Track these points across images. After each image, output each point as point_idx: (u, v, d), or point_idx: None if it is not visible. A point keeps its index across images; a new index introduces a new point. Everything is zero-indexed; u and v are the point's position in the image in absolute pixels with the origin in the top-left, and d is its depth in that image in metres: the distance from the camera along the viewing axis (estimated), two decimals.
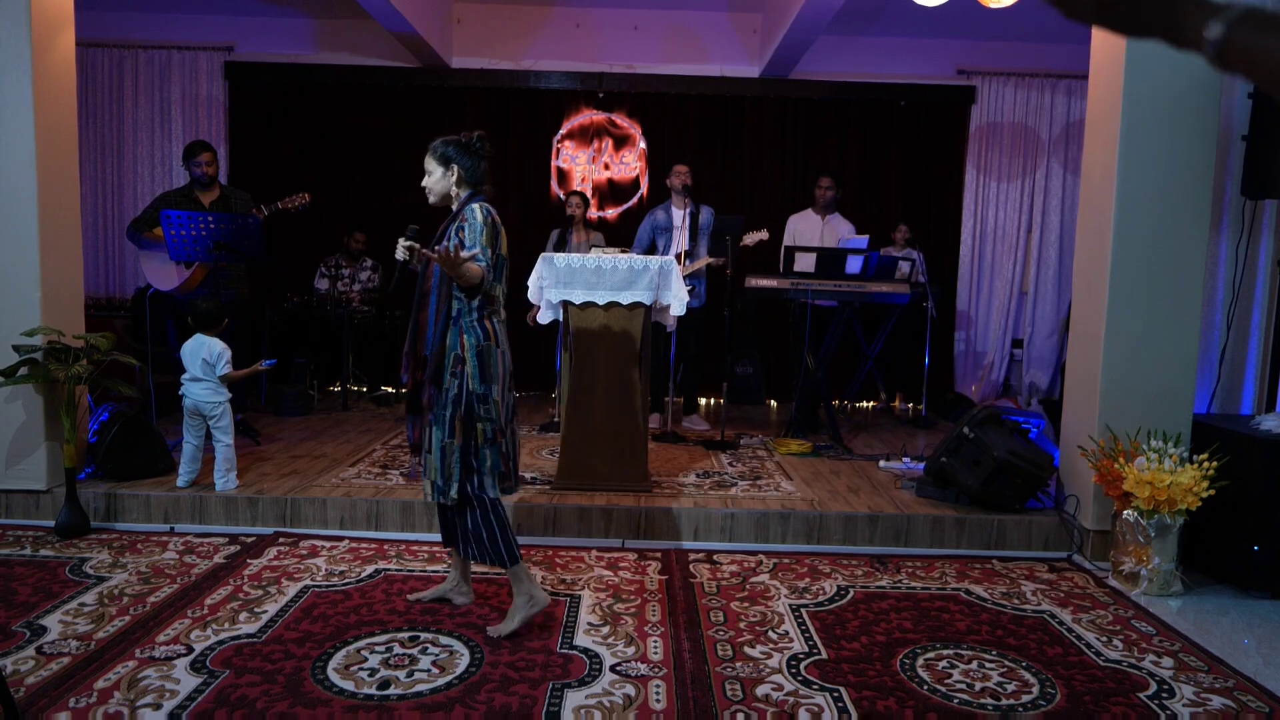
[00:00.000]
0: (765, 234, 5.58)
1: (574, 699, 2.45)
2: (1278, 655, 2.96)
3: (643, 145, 7.29)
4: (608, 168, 7.31)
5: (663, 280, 4.16)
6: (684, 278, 4.39)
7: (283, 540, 3.77)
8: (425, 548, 3.69)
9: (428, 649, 2.75)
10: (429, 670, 2.61)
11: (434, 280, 2.82)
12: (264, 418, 5.76)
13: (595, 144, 7.30)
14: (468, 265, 2.69)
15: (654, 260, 4.16)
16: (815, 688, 2.57)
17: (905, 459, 4.90)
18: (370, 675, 2.56)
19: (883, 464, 4.90)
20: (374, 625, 2.91)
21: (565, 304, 4.22)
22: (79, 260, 4.15)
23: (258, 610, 3.01)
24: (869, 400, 7.25)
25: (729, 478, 4.54)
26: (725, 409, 5.91)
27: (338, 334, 6.47)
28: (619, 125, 7.30)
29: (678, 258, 5.48)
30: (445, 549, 3.46)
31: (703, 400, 6.85)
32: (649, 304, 4.16)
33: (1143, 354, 3.75)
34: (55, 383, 3.82)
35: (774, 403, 7.33)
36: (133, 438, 4.14)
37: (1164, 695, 2.60)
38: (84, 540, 3.73)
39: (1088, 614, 3.22)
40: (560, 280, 4.18)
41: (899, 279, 5.66)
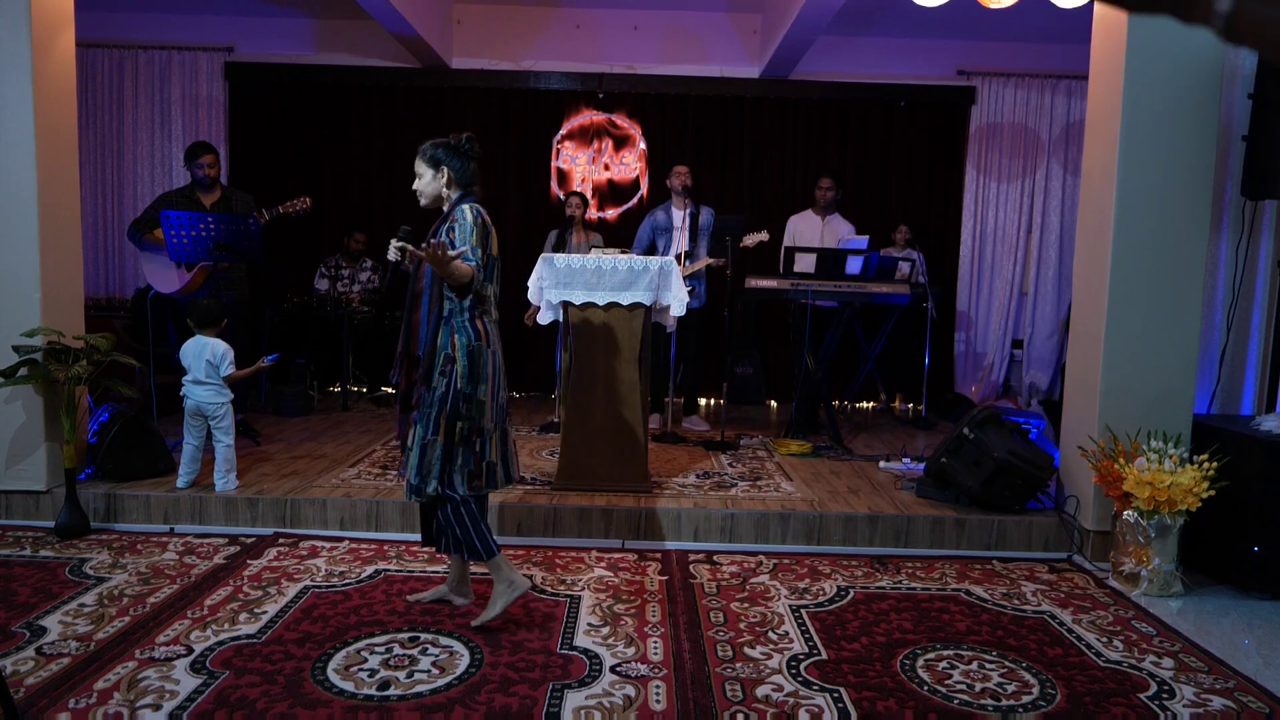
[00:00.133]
0: (765, 234, 5.58)
1: (574, 700, 2.45)
2: (1278, 656, 2.96)
3: (643, 146, 7.29)
4: (608, 168, 7.31)
5: (663, 281, 4.16)
6: (684, 278, 4.39)
7: (283, 541, 3.77)
8: (425, 548, 3.68)
9: (428, 650, 2.75)
10: (429, 671, 2.61)
11: (426, 281, 2.85)
12: (264, 418, 5.76)
13: (595, 144, 7.30)
14: (456, 264, 2.72)
15: (654, 261, 4.16)
16: (815, 688, 2.56)
17: (905, 460, 4.90)
18: (370, 676, 2.56)
19: (883, 464, 4.90)
20: (374, 626, 2.91)
21: (565, 304, 4.22)
22: (79, 261, 4.15)
23: (258, 611, 3.01)
24: (869, 401, 7.25)
25: (729, 478, 4.54)
26: (725, 409, 5.91)
27: (337, 334, 6.47)
28: (619, 126, 7.30)
29: (678, 258, 5.48)
30: (426, 548, 3.45)
31: (703, 401, 6.85)
32: (649, 304, 4.16)
33: (1143, 354, 3.75)
34: (55, 383, 3.82)
35: (774, 403, 7.33)
36: (132, 438, 4.14)
37: (1164, 696, 2.60)
38: (84, 541, 3.73)
39: (1088, 615, 3.22)
40: (560, 281, 4.17)
41: (899, 279, 5.66)
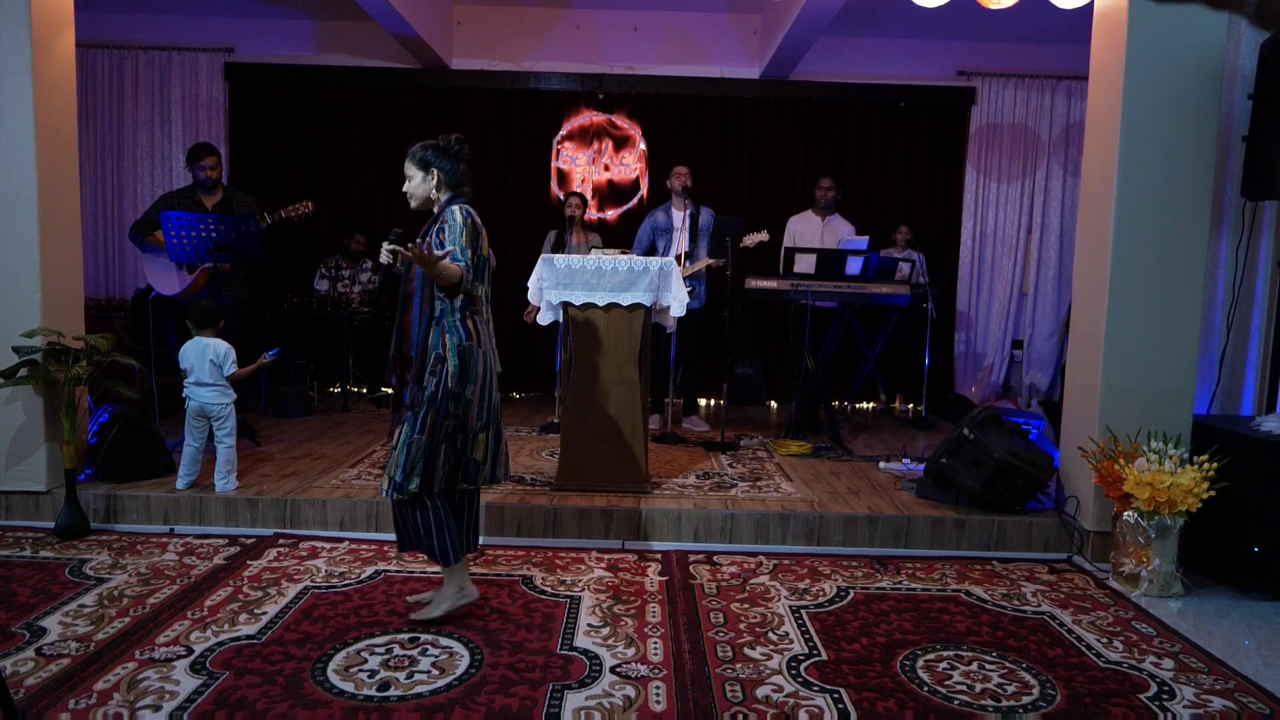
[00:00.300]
0: (765, 235, 5.58)
1: (574, 700, 2.45)
2: (1278, 657, 2.96)
3: (643, 146, 7.29)
4: (608, 169, 7.31)
5: (663, 281, 4.16)
6: (684, 279, 4.39)
7: (282, 541, 3.77)
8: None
9: (428, 650, 2.75)
10: (429, 672, 2.60)
11: (417, 282, 2.86)
12: (264, 419, 5.76)
13: (595, 145, 7.30)
14: (444, 265, 2.73)
15: (654, 261, 4.16)
16: (815, 689, 2.56)
17: (905, 460, 4.90)
18: (370, 676, 2.56)
19: (883, 465, 4.90)
20: (374, 626, 2.91)
21: (565, 305, 4.22)
22: (79, 261, 4.15)
23: (257, 611, 3.01)
24: (869, 401, 7.25)
25: (729, 479, 4.54)
26: (725, 410, 5.91)
27: (337, 335, 6.47)
28: (619, 126, 7.30)
29: (678, 259, 5.48)
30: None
31: (703, 401, 6.85)
32: (649, 305, 4.17)
33: (1143, 355, 3.75)
34: (55, 384, 3.81)
35: (774, 404, 7.33)
36: (132, 439, 4.14)
37: (1164, 696, 2.60)
38: (84, 541, 3.73)
39: (1088, 615, 3.22)
40: (560, 281, 4.17)
41: (899, 280, 5.66)
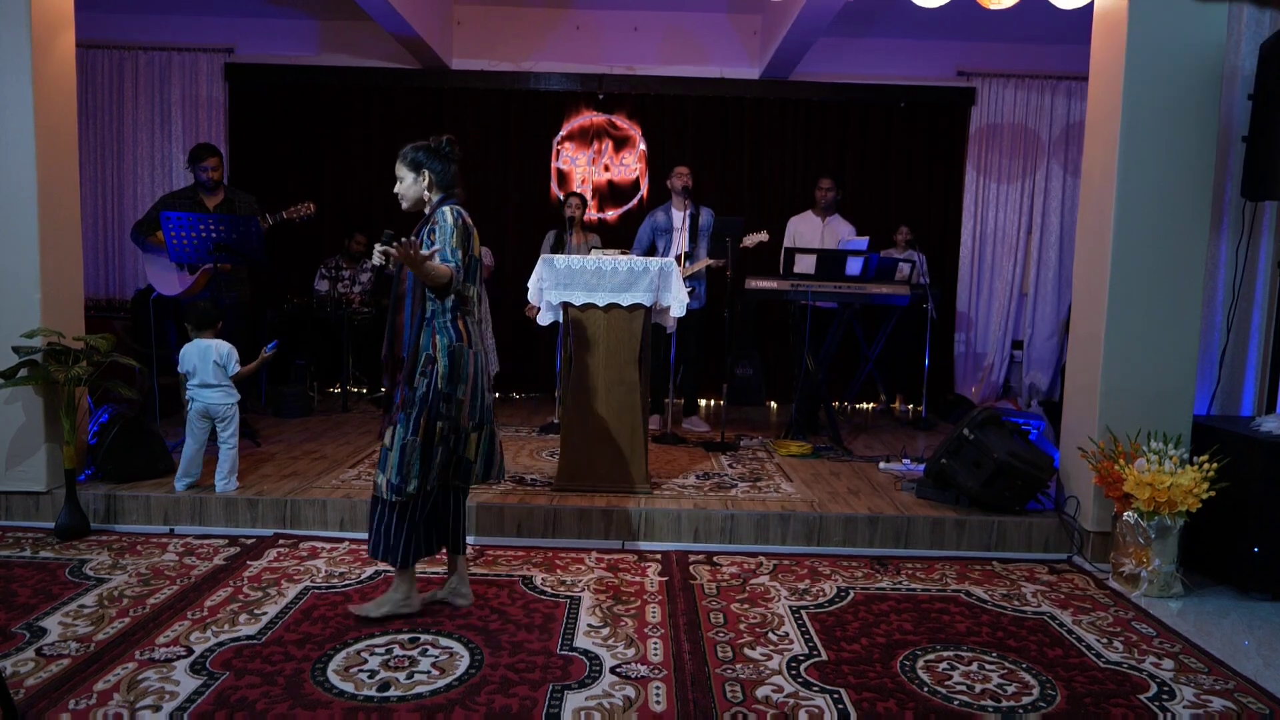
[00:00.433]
0: (765, 235, 5.58)
1: (574, 701, 2.45)
2: (1278, 657, 2.96)
3: (643, 147, 7.29)
4: (608, 169, 7.31)
5: (663, 282, 4.17)
6: (684, 279, 4.39)
7: (282, 542, 3.77)
8: None
9: (428, 651, 2.75)
10: (429, 672, 2.61)
11: (409, 283, 2.88)
12: (264, 419, 5.76)
13: (595, 145, 7.30)
14: (432, 266, 2.75)
15: (654, 262, 4.17)
16: (815, 689, 2.56)
17: (905, 460, 4.90)
18: (370, 677, 2.56)
19: (883, 465, 4.90)
20: (374, 627, 2.91)
21: (565, 305, 4.22)
22: (79, 261, 4.15)
23: (258, 612, 3.01)
24: (869, 401, 7.25)
25: (729, 479, 4.54)
26: (725, 410, 5.91)
27: (338, 335, 6.48)
28: (619, 127, 7.30)
29: (678, 259, 5.48)
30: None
31: (703, 401, 6.85)
32: (649, 305, 4.17)
33: (1143, 355, 3.76)
34: (55, 384, 3.81)
35: (774, 404, 7.33)
36: (132, 439, 4.14)
37: (1164, 697, 2.60)
38: (84, 542, 3.73)
39: (1088, 615, 3.22)
40: (560, 282, 4.17)
41: (899, 280, 5.66)
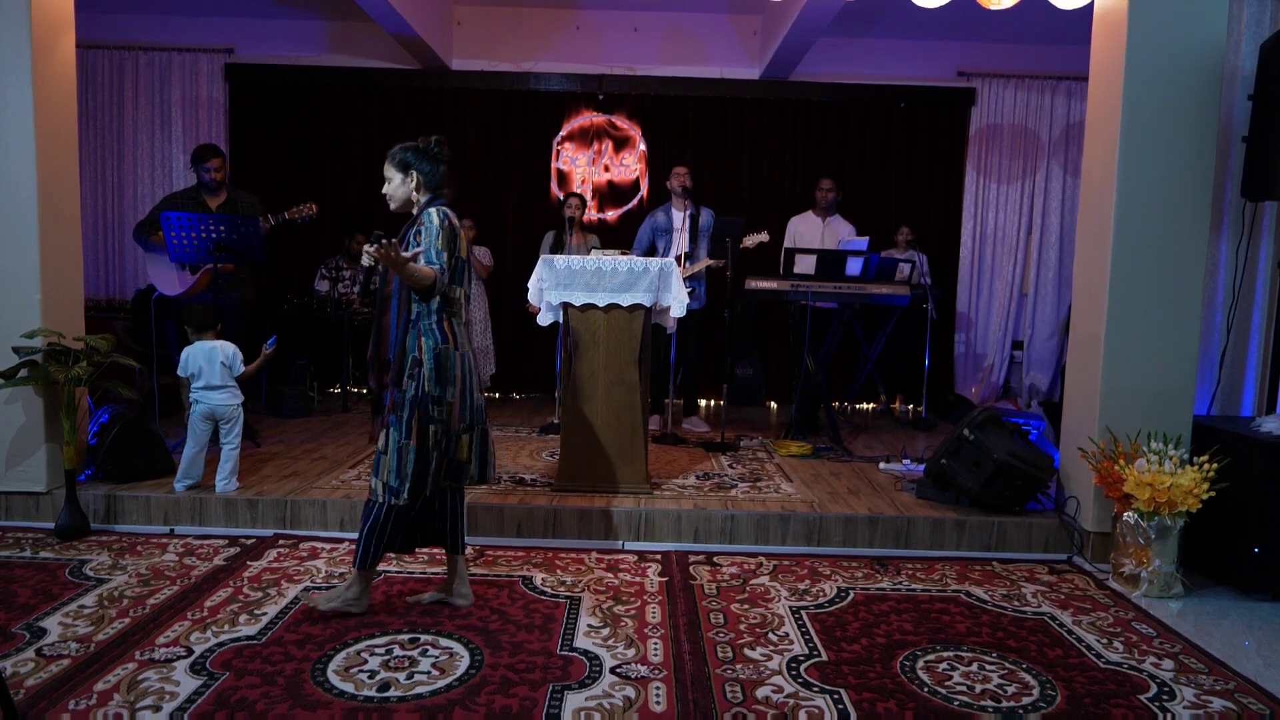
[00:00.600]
0: (765, 236, 5.58)
1: (574, 701, 2.45)
2: (1278, 657, 2.96)
3: (643, 147, 7.30)
4: (608, 169, 7.32)
5: (663, 282, 4.16)
6: (684, 279, 4.39)
7: (282, 542, 3.77)
8: (425, 550, 3.68)
9: (428, 651, 2.75)
10: (429, 672, 2.60)
11: (395, 285, 2.88)
12: (264, 419, 5.76)
13: (595, 146, 7.31)
14: (414, 268, 2.75)
15: (654, 262, 4.17)
16: (815, 690, 2.56)
17: (905, 461, 4.90)
18: (370, 677, 2.56)
19: (883, 466, 4.90)
20: (374, 627, 2.91)
21: (565, 306, 4.22)
22: (79, 262, 4.15)
23: (258, 612, 3.01)
24: (869, 402, 7.26)
25: (729, 479, 4.54)
26: (725, 411, 5.91)
27: (338, 335, 6.48)
28: (619, 127, 7.31)
29: (678, 259, 5.47)
30: (426, 549, 3.46)
31: (703, 402, 6.85)
32: (649, 306, 4.17)
33: (1143, 356, 3.75)
34: (55, 385, 3.82)
35: (774, 404, 7.34)
36: (133, 439, 4.14)
37: (1164, 697, 2.60)
38: (84, 542, 3.73)
39: (1088, 616, 3.22)
40: (560, 282, 4.17)
41: (899, 281, 5.66)
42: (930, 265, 6.93)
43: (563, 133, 7.29)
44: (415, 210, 2.97)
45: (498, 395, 7.32)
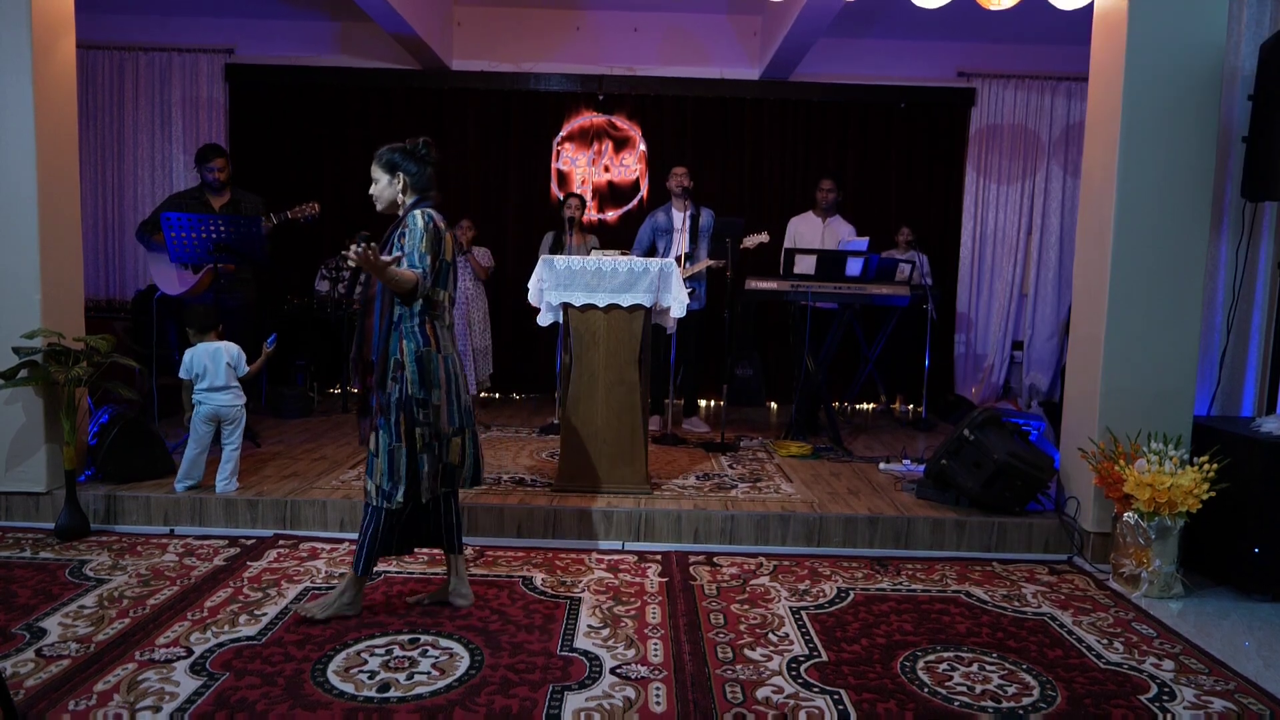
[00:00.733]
0: (765, 236, 5.58)
1: (574, 701, 2.45)
2: (1278, 658, 2.96)
3: (643, 147, 7.30)
4: (608, 170, 7.32)
5: (663, 282, 4.17)
6: (684, 280, 4.39)
7: (283, 542, 3.77)
8: (425, 550, 3.68)
9: (428, 651, 2.75)
10: (429, 673, 2.60)
11: (378, 286, 2.87)
12: (264, 420, 5.76)
13: (595, 146, 7.31)
14: (396, 271, 2.75)
15: (654, 262, 4.17)
16: (816, 690, 2.56)
17: (905, 461, 4.90)
18: (370, 678, 2.56)
19: (883, 466, 4.90)
20: (374, 628, 2.91)
21: (565, 306, 4.22)
22: (79, 262, 4.15)
23: (258, 612, 3.01)
24: (869, 402, 7.26)
25: (729, 480, 4.54)
26: (725, 411, 5.91)
27: (338, 336, 6.48)
28: (619, 127, 7.31)
29: (678, 260, 5.48)
30: (426, 550, 3.46)
31: (703, 402, 6.85)
32: (649, 306, 4.16)
33: (1143, 356, 3.75)
34: (55, 385, 3.82)
35: (774, 405, 7.34)
36: (133, 440, 4.14)
37: (1165, 698, 2.60)
38: (84, 542, 3.73)
39: (1088, 616, 3.22)
40: (560, 282, 4.17)
41: (899, 281, 5.66)
42: (930, 265, 6.93)
43: (563, 133, 7.29)
44: (401, 212, 2.97)
45: (498, 395, 7.32)
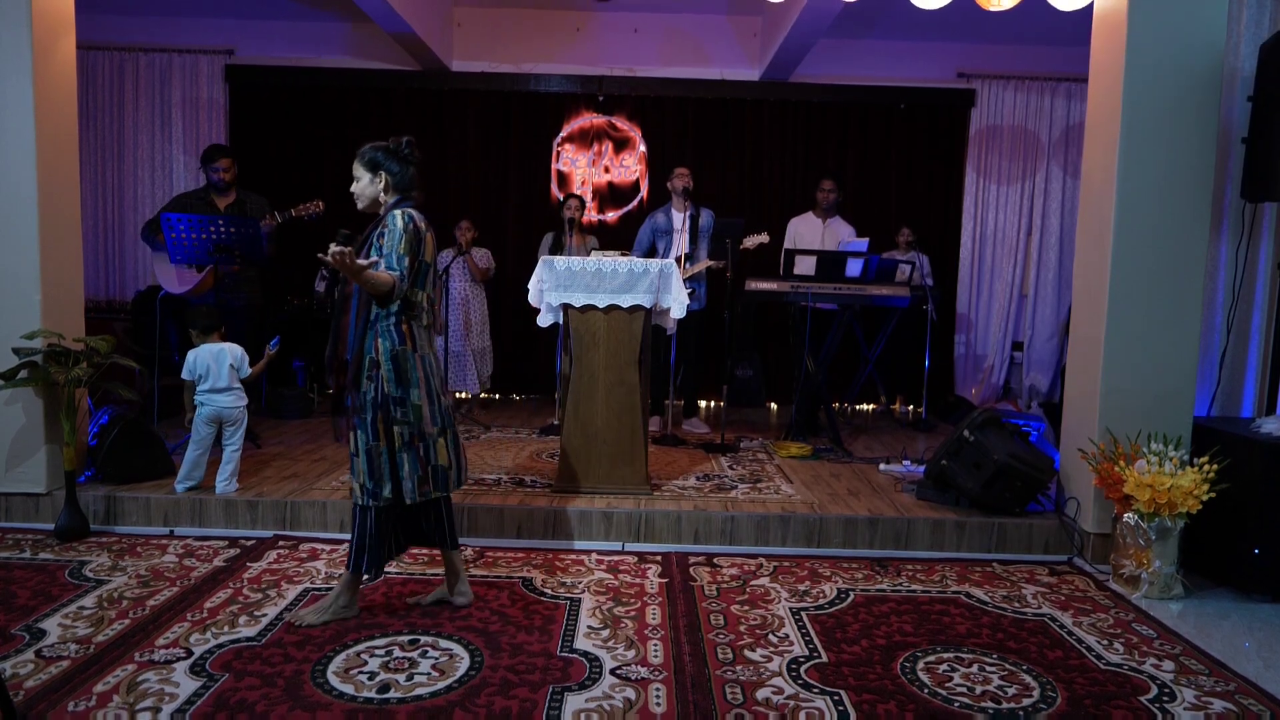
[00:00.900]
0: (765, 237, 5.58)
1: (574, 702, 2.45)
2: (1278, 659, 2.96)
3: (643, 148, 7.30)
4: (608, 171, 7.32)
5: (663, 283, 4.17)
6: (684, 280, 4.39)
7: (282, 543, 3.77)
8: (425, 550, 3.68)
9: (427, 652, 2.75)
10: (429, 673, 2.60)
11: (355, 285, 2.86)
12: (264, 421, 5.76)
13: (595, 147, 7.31)
14: (372, 274, 2.74)
15: (654, 263, 4.17)
16: (816, 691, 2.56)
17: (905, 462, 4.90)
18: (370, 678, 2.56)
19: (883, 467, 4.90)
20: (374, 628, 2.91)
21: (565, 307, 4.22)
22: (79, 263, 4.15)
23: (257, 613, 3.01)
24: (869, 403, 7.26)
25: (729, 480, 4.54)
26: (725, 412, 5.91)
27: None
28: (619, 128, 7.31)
29: (678, 260, 5.47)
30: (426, 550, 3.46)
31: (703, 403, 6.85)
32: (649, 307, 4.16)
33: (1143, 357, 3.75)
34: (55, 386, 3.81)
35: (774, 405, 7.34)
36: (132, 441, 4.14)
37: (1165, 699, 2.60)
38: (83, 543, 3.73)
39: (1088, 617, 3.22)
40: (560, 283, 4.17)
41: (899, 282, 5.66)
42: (930, 266, 6.93)
43: (563, 134, 7.30)
44: (382, 211, 2.96)
45: (497, 396, 7.32)
